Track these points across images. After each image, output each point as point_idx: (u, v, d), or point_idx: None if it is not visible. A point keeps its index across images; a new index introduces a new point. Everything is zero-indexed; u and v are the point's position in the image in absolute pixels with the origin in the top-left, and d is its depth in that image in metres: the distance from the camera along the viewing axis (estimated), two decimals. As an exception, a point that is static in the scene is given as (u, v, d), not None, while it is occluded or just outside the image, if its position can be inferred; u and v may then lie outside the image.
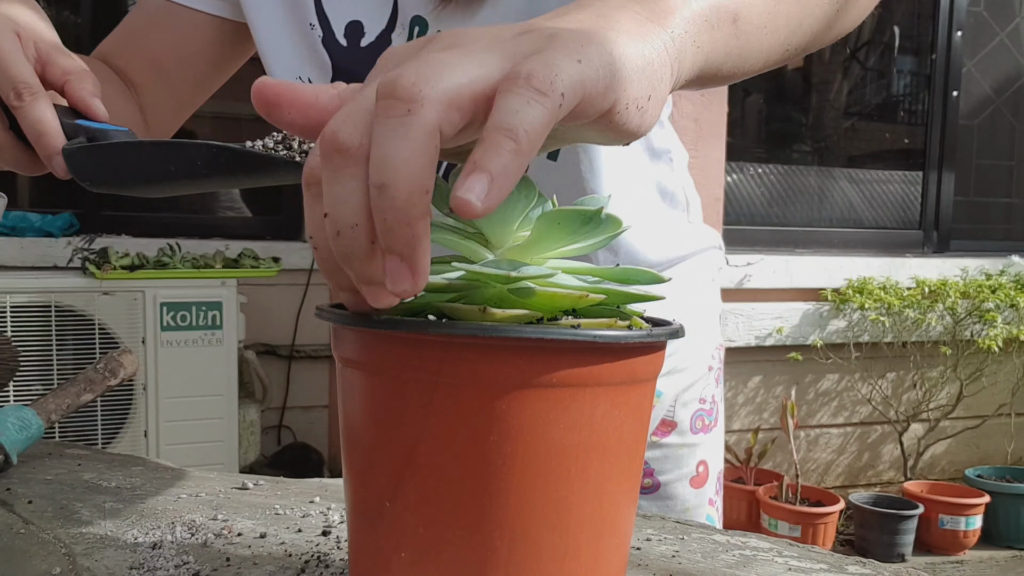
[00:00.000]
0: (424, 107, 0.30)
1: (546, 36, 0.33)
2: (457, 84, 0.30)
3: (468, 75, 0.31)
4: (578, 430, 0.34)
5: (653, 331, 0.36)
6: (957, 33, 3.34)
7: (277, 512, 0.58)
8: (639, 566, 0.50)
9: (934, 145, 3.38)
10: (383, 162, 0.29)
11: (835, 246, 3.24)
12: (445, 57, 0.31)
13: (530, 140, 0.30)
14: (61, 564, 0.47)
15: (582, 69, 0.32)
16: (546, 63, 0.31)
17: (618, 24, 0.36)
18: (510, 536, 0.34)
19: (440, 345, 0.33)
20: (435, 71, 0.30)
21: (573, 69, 0.31)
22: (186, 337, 2.04)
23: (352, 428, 0.37)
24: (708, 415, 0.85)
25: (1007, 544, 2.90)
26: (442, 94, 0.30)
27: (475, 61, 0.31)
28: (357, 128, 0.31)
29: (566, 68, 0.31)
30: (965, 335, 3.00)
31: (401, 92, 0.30)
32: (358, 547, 0.38)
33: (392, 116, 0.30)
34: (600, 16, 0.36)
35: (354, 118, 0.31)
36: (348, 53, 0.72)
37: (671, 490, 0.83)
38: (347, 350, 0.37)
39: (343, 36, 0.72)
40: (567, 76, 0.31)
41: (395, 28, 0.71)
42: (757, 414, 3.04)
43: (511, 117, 0.30)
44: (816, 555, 0.54)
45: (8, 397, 1.77)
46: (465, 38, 0.34)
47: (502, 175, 0.29)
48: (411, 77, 0.30)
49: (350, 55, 0.72)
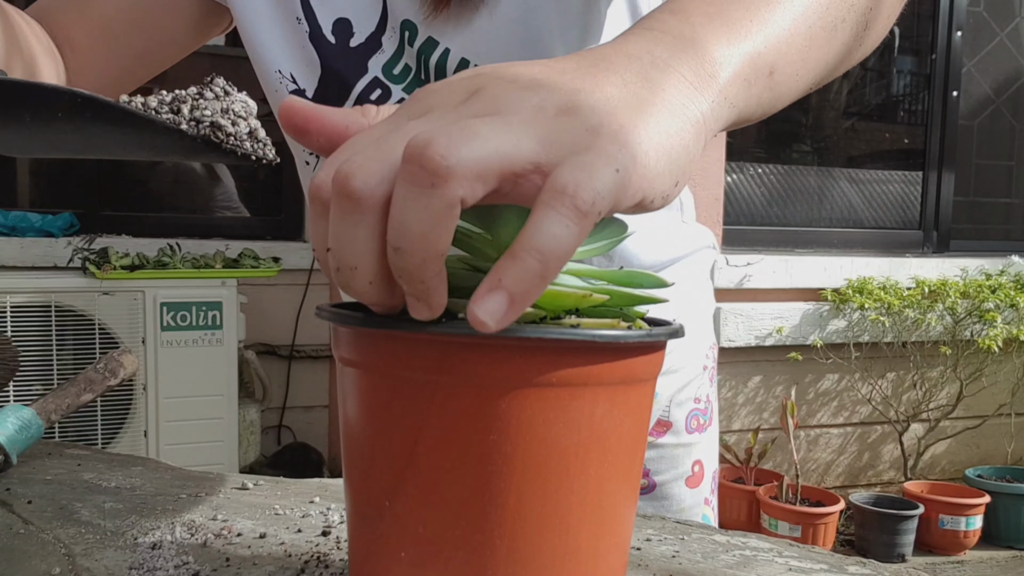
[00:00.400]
0: (449, 182, 0.29)
1: (589, 129, 0.31)
2: (487, 160, 0.29)
3: (501, 151, 0.30)
4: (578, 429, 0.34)
5: (653, 331, 0.36)
6: (957, 33, 3.34)
7: (277, 512, 0.58)
8: (639, 566, 0.50)
9: (934, 145, 3.38)
10: (401, 227, 0.29)
11: (835, 246, 3.24)
12: (481, 127, 0.30)
13: (559, 266, 0.29)
14: (61, 564, 0.47)
15: (620, 179, 0.31)
16: (590, 177, 0.29)
17: (662, 94, 0.34)
18: (510, 536, 0.34)
19: (440, 345, 0.33)
20: (467, 142, 0.29)
21: (611, 181, 0.30)
22: (186, 337, 2.04)
23: (352, 428, 0.37)
24: (703, 414, 0.85)
25: (1007, 544, 2.90)
26: (469, 170, 0.29)
27: (511, 137, 0.30)
28: (372, 178, 0.30)
29: (606, 182, 0.30)
30: (965, 335, 3.00)
31: (429, 163, 0.29)
32: (358, 547, 0.38)
33: (415, 185, 0.29)
34: (646, 81, 0.34)
35: (371, 167, 0.30)
36: (337, 51, 0.71)
37: (667, 490, 0.83)
38: (347, 350, 0.37)
39: (331, 33, 0.71)
40: (606, 191, 0.30)
41: (385, 31, 0.70)
42: (757, 414, 3.04)
43: (547, 241, 0.29)
44: (816, 555, 0.54)
45: (8, 397, 1.77)
46: (507, 103, 0.32)
47: (522, 298, 0.29)
48: (441, 148, 0.29)
49: (339, 53, 0.71)
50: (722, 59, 0.37)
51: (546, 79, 0.33)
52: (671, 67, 0.35)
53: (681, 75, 0.35)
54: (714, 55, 0.37)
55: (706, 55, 0.37)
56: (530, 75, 0.33)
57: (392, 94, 0.71)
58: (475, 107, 0.32)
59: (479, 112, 0.31)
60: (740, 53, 0.38)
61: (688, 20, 0.38)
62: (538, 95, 0.32)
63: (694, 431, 0.84)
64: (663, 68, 0.35)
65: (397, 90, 0.71)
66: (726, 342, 2.85)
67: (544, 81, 0.33)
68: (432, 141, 0.29)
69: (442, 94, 0.33)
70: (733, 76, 0.38)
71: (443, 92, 0.33)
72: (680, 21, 0.38)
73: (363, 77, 0.71)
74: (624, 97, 0.33)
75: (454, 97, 0.33)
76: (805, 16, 0.43)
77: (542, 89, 0.32)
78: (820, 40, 0.44)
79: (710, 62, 0.37)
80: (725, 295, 2.88)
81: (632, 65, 0.35)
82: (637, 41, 0.36)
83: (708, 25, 0.38)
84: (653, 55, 0.35)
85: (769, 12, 0.40)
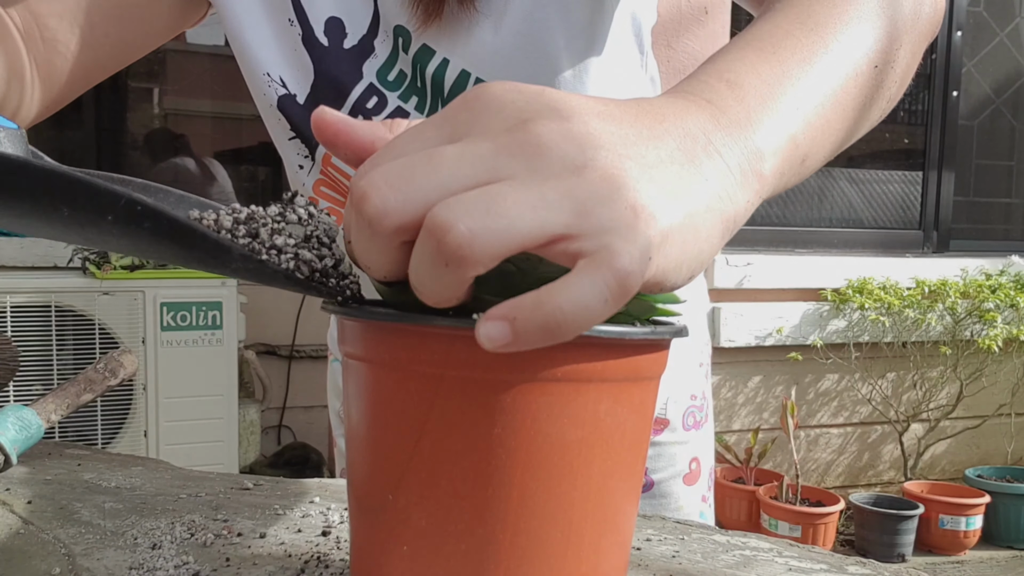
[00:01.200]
0: (465, 267, 0.28)
1: (630, 208, 0.30)
2: (509, 243, 0.28)
3: (525, 232, 0.29)
4: (582, 425, 0.34)
5: (657, 329, 0.36)
6: (957, 33, 3.34)
7: (277, 512, 0.58)
8: (639, 566, 0.49)
9: (934, 145, 3.38)
10: (416, 283, 0.30)
11: (835, 246, 3.24)
12: (511, 205, 0.29)
13: (576, 333, 0.29)
14: (60, 564, 0.47)
15: (651, 267, 0.30)
16: (631, 258, 0.29)
17: (706, 185, 0.33)
18: (512, 530, 0.34)
19: (445, 338, 0.33)
20: (492, 224, 0.28)
21: (645, 266, 0.30)
22: (186, 337, 2.04)
23: (355, 421, 0.37)
24: (699, 411, 0.85)
25: (1007, 544, 2.90)
26: (488, 255, 0.28)
27: (542, 214, 0.29)
28: (386, 204, 0.29)
29: (643, 265, 0.30)
30: (965, 335, 3.00)
31: (447, 248, 0.28)
32: (360, 541, 0.38)
33: (432, 262, 0.29)
34: (695, 167, 0.33)
35: (386, 194, 0.29)
36: (330, 54, 0.69)
37: (665, 488, 0.83)
38: (352, 344, 0.37)
39: (323, 34, 0.69)
40: (639, 274, 0.29)
41: (378, 34, 0.69)
42: (757, 414, 3.04)
43: (575, 308, 0.28)
44: (816, 555, 0.54)
45: (8, 397, 1.77)
46: (550, 160, 0.30)
47: (526, 344, 0.29)
48: (463, 235, 0.28)
49: (333, 56, 0.69)
50: (768, 154, 0.37)
51: (599, 135, 0.31)
52: (722, 157, 0.35)
53: (728, 168, 0.35)
54: (762, 150, 0.37)
55: (756, 150, 0.36)
56: (584, 123, 0.31)
57: (388, 102, 0.70)
58: (515, 153, 0.30)
59: (515, 171, 0.30)
60: (784, 147, 0.38)
61: (744, 101, 0.37)
62: (585, 154, 0.30)
63: (691, 428, 0.84)
64: (714, 156, 0.34)
65: (393, 97, 0.70)
66: (726, 342, 2.85)
67: (596, 137, 0.31)
68: (454, 225, 0.28)
69: (487, 116, 0.32)
70: (773, 171, 0.37)
71: (489, 113, 0.32)
72: (737, 101, 0.37)
73: (359, 83, 0.70)
74: (671, 181, 0.32)
75: (497, 123, 0.31)
76: (843, 105, 0.43)
77: (590, 147, 0.31)
78: (849, 125, 0.44)
79: (758, 158, 0.36)
80: (725, 295, 2.88)
81: (687, 144, 0.34)
82: (698, 116, 0.35)
83: (762, 111, 0.37)
84: (709, 138, 0.35)
85: (812, 102, 0.40)
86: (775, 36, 0.42)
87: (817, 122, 0.41)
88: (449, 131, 0.32)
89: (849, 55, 0.43)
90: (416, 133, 0.32)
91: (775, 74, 0.39)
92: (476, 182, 0.30)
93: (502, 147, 0.30)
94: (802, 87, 0.40)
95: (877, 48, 0.45)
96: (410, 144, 0.32)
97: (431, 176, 0.30)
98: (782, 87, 0.39)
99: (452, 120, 0.32)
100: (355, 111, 0.71)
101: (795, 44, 0.41)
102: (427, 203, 0.29)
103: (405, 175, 0.30)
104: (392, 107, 0.70)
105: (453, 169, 0.30)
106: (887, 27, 0.46)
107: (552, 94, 0.32)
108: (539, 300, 0.28)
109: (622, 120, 0.33)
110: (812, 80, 0.41)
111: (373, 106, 0.71)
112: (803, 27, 0.43)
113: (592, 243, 0.29)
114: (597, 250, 0.29)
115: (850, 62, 0.43)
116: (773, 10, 0.45)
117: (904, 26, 0.48)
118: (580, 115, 0.31)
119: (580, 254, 0.29)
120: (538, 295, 0.28)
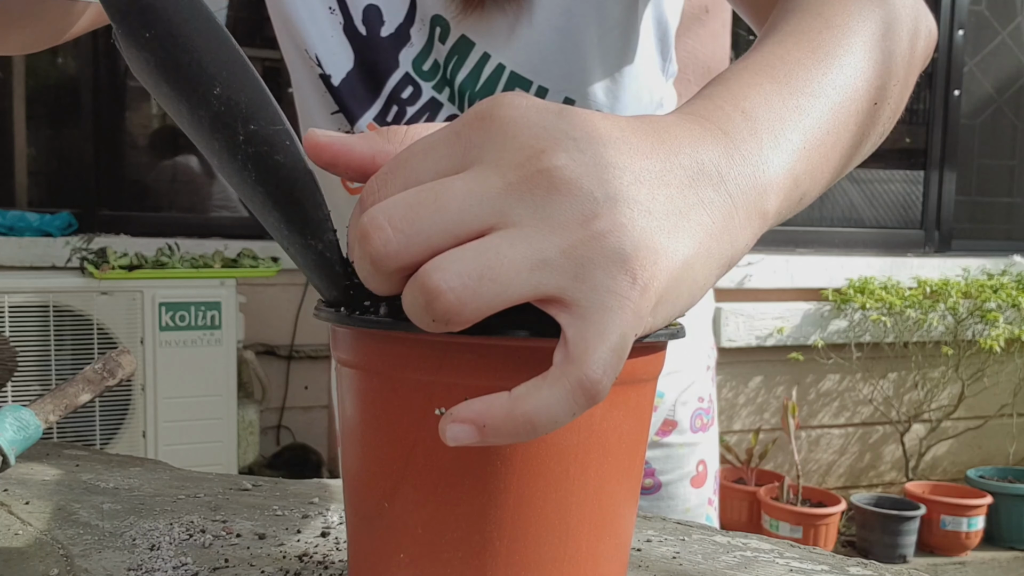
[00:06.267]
0: (452, 326, 0.29)
1: (629, 275, 0.29)
2: (499, 303, 0.29)
3: (517, 293, 0.29)
4: (577, 430, 0.34)
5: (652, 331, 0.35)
6: (959, 32, 3.34)
7: (276, 513, 0.58)
8: (640, 567, 0.49)
9: (935, 144, 3.38)
10: (410, 317, 0.30)
11: (836, 246, 3.24)
12: (507, 266, 0.28)
13: (544, 433, 0.29)
14: (59, 565, 0.47)
15: (641, 327, 0.30)
16: (610, 350, 0.29)
17: (711, 229, 0.33)
18: (509, 537, 0.34)
19: (439, 346, 0.32)
20: (484, 287, 0.28)
21: (626, 346, 0.30)
22: (185, 337, 2.04)
23: (350, 429, 0.37)
24: (706, 414, 0.86)
25: (1009, 545, 2.90)
26: (478, 317, 0.29)
27: (536, 275, 0.29)
28: (387, 247, 0.29)
29: (624, 349, 0.29)
30: (967, 335, 3.00)
31: (435, 312, 0.28)
32: (357, 548, 0.38)
33: (421, 317, 0.29)
34: (704, 210, 0.33)
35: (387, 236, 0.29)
36: (369, 42, 0.70)
37: (672, 490, 0.83)
38: (345, 350, 0.36)
39: (362, 23, 0.70)
40: (608, 386, 0.29)
41: (414, 23, 0.69)
42: (758, 414, 3.04)
43: (543, 417, 0.29)
44: (817, 556, 0.53)
45: (6, 397, 1.77)
46: (552, 212, 0.29)
47: (493, 440, 0.29)
48: (453, 301, 0.28)
49: (371, 45, 0.70)
50: (773, 193, 0.37)
51: (612, 174, 0.30)
52: (731, 197, 0.34)
53: (735, 208, 0.34)
54: (767, 189, 0.36)
55: (763, 189, 0.36)
56: (599, 156, 0.30)
57: (423, 92, 0.70)
58: (524, 194, 0.29)
59: (521, 216, 0.29)
60: (787, 186, 0.38)
61: (756, 135, 0.37)
62: (595, 200, 0.29)
63: (698, 430, 0.85)
64: (723, 194, 0.34)
65: (427, 88, 0.70)
66: (727, 342, 2.85)
67: (608, 178, 0.30)
68: (443, 294, 0.28)
69: (501, 141, 0.30)
70: (774, 210, 0.37)
71: (504, 138, 0.30)
72: (751, 135, 0.36)
73: (395, 72, 0.71)
74: (676, 227, 0.31)
75: (511, 153, 0.30)
76: (842, 143, 0.42)
77: (601, 189, 0.30)
78: (844, 163, 0.44)
79: (763, 197, 0.36)
80: (725, 295, 2.88)
81: (699, 181, 0.33)
82: (713, 149, 0.34)
83: (772, 149, 0.37)
84: (721, 175, 0.34)
85: (816, 141, 0.40)
86: (787, 64, 0.41)
87: (818, 160, 0.40)
88: (461, 152, 0.31)
89: (854, 91, 0.43)
90: (427, 148, 0.31)
91: (787, 108, 0.39)
92: (481, 225, 0.29)
93: (512, 186, 0.29)
94: (809, 124, 0.40)
95: (877, 84, 0.45)
96: (421, 164, 0.31)
97: (435, 218, 0.29)
98: (792, 123, 0.39)
99: (466, 140, 0.31)
100: (390, 101, 0.71)
101: (806, 76, 0.41)
102: (430, 247, 0.29)
103: (409, 216, 0.29)
104: (426, 98, 0.71)
105: (460, 211, 0.29)
106: (886, 61, 0.46)
107: (570, 117, 0.31)
108: (511, 409, 0.29)
109: (638, 150, 0.32)
110: (817, 116, 0.40)
111: (408, 96, 0.71)
112: (814, 56, 0.42)
113: (580, 310, 0.29)
114: (582, 321, 0.29)
115: (853, 99, 0.43)
116: (782, 31, 0.44)
117: (902, 60, 0.47)
118: (596, 145, 0.31)
119: (567, 315, 0.29)
120: (510, 403, 0.29)
